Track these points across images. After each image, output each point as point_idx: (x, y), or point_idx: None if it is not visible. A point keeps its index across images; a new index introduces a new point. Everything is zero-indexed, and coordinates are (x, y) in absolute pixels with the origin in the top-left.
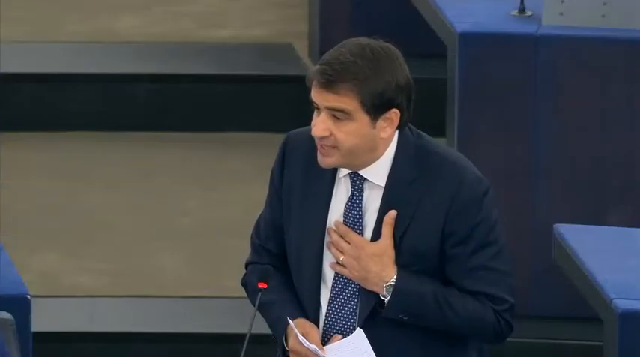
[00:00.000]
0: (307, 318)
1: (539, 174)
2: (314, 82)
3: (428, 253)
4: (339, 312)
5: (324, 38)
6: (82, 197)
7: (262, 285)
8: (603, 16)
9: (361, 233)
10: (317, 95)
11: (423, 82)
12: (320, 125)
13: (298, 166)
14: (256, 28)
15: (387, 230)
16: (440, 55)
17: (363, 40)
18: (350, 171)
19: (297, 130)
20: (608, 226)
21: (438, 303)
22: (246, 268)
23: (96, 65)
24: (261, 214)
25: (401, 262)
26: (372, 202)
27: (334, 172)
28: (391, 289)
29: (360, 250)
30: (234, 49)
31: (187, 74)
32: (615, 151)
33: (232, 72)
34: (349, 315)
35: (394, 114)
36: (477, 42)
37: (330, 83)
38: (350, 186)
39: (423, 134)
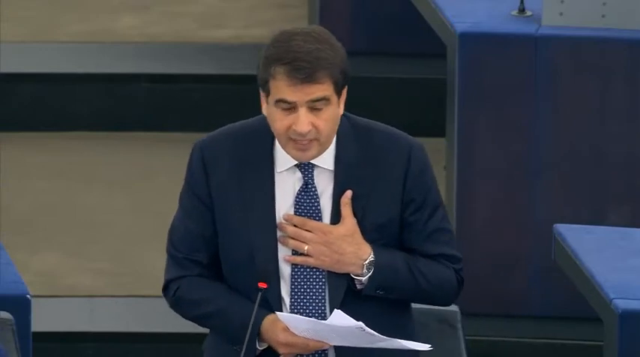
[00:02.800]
0: None
1: (539, 174)
2: (286, 82)
3: (390, 225)
4: (305, 304)
5: None
6: (82, 197)
7: (262, 285)
8: (603, 16)
9: (319, 220)
10: (294, 93)
11: (423, 82)
12: (304, 120)
13: (224, 169)
14: (256, 28)
15: (346, 210)
16: (440, 55)
17: (293, 29)
18: (297, 162)
19: (207, 136)
20: (608, 226)
21: (412, 273)
22: (167, 285)
23: (95, 65)
24: (175, 228)
25: (367, 238)
26: (324, 187)
27: (271, 167)
28: (372, 266)
29: (328, 235)
30: (234, 49)
31: (187, 74)
32: (615, 151)
33: (232, 72)
34: (317, 304)
35: (345, 89)
36: (476, 42)
37: (310, 76)
38: (301, 175)
39: (347, 112)
